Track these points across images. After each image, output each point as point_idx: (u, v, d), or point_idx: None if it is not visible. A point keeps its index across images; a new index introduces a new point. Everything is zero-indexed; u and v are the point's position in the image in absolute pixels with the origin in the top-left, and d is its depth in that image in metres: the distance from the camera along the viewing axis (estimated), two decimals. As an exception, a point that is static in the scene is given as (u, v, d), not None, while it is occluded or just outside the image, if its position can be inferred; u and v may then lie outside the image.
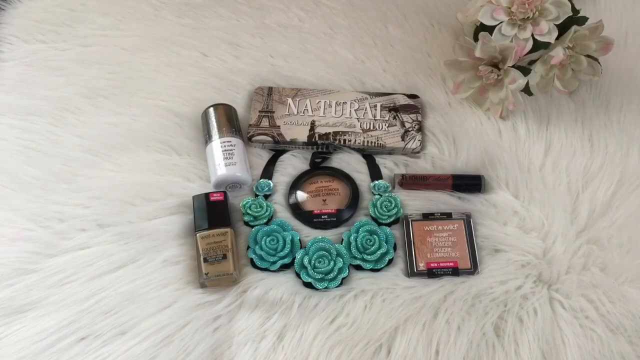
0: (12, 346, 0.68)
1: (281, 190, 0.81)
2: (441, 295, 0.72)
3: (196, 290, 0.72)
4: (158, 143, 0.83)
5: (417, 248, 0.76)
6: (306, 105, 0.86)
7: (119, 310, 0.70)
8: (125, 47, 0.93)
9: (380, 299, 0.72)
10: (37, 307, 0.70)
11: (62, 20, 0.96)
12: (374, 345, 0.69)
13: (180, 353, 0.68)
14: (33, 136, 0.83)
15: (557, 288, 0.72)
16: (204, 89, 0.89)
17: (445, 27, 0.96)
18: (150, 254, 0.74)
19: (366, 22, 0.97)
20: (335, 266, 0.73)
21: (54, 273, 0.72)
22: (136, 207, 0.78)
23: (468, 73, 0.85)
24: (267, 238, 0.75)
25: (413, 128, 0.84)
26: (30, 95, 0.88)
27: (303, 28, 0.96)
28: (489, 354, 0.68)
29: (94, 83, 0.89)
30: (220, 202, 0.76)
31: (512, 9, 0.79)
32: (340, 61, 0.92)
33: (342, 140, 0.83)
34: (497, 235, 0.76)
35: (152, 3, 0.99)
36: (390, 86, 0.90)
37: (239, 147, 0.80)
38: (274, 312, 0.71)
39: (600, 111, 0.87)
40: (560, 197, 0.78)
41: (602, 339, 0.68)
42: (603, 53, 0.83)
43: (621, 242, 0.75)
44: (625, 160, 0.82)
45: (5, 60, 0.92)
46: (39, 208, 0.77)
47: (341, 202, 0.80)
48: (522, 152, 0.83)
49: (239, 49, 0.94)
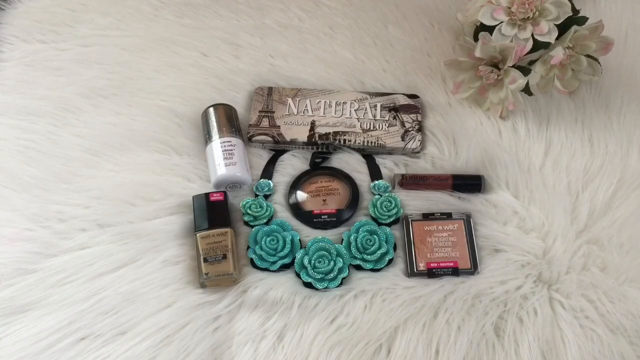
0: (12, 346, 0.68)
1: (281, 190, 0.81)
2: (441, 295, 0.72)
3: (196, 290, 0.72)
4: (158, 143, 0.83)
5: (417, 248, 0.76)
6: (306, 105, 0.86)
7: (119, 310, 0.70)
8: (125, 47, 0.93)
9: (380, 299, 0.72)
10: (37, 307, 0.70)
11: (62, 20, 0.96)
12: (374, 345, 0.69)
13: (180, 353, 0.68)
14: (33, 136, 0.83)
15: (557, 288, 0.72)
16: (204, 89, 0.89)
17: (445, 27, 0.96)
18: (150, 254, 0.74)
19: (366, 22, 0.97)
20: (335, 266, 0.73)
21: (54, 273, 0.72)
22: (136, 207, 0.78)
23: (468, 73, 0.85)
24: (267, 238, 0.75)
25: (413, 128, 0.84)
26: (30, 95, 0.88)
27: (303, 28, 0.96)
28: (489, 354, 0.68)
29: (94, 83, 0.89)
30: (220, 202, 0.76)
31: (512, 9, 0.79)
32: (340, 61, 0.92)
33: (342, 140, 0.83)
34: (497, 235, 0.76)
35: (152, 3, 0.99)
36: (390, 86, 0.90)
37: (239, 147, 0.80)
38: (274, 312, 0.71)
39: (600, 111, 0.87)
40: (560, 197, 0.78)
41: (602, 339, 0.68)
42: (603, 53, 0.83)
43: (621, 242, 0.75)
44: (625, 160, 0.82)
45: (5, 60, 0.92)
46: (39, 208, 0.77)
47: (341, 202, 0.80)
48: (522, 152, 0.83)
49: (239, 49, 0.94)
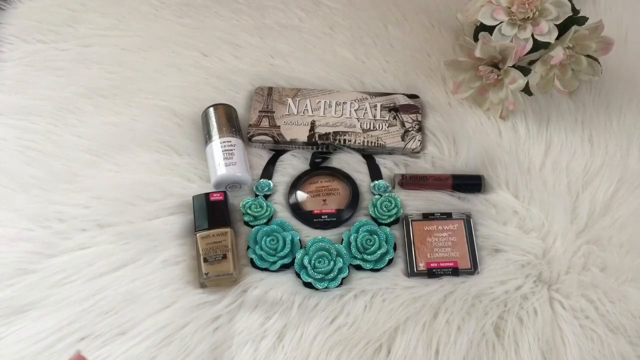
0: (12, 346, 0.68)
1: (281, 190, 0.81)
2: (441, 295, 0.72)
3: (196, 290, 0.72)
4: (158, 143, 0.83)
5: (417, 248, 0.76)
6: (306, 105, 0.86)
7: (119, 310, 0.70)
8: (125, 47, 0.93)
9: (380, 299, 0.72)
10: (37, 307, 0.70)
11: (62, 20, 0.96)
12: (374, 345, 0.69)
13: (180, 353, 0.68)
14: (33, 136, 0.83)
15: (557, 288, 0.72)
16: (204, 89, 0.89)
17: (445, 27, 0.96)
18: (150, 254, 0.74)
19: (366, 22, 0.97)
20: (335, 266, 0.73)
21: (54, 273, 0.72)
22: (136, 207, 0.77)
23: (468, 73, 0.85)
24: (267, 238, 0.75)
25: (413, 128, 0.84)
26: (30, 95, 0.88)
27: (303, 28, 0.96)
28: (489, 354, 0.68)
29: (94, 83, 0.89)
30: (220, 202, 0.76)
31: (512, 9, 0.79)
32: (340, 61, 0.92)
33: (342, 140, 0.83)
34: (497, 235, 0.76)
35: (152, 3, 0.99)
36: (390, 86, 0.90)
37: (239, 147, 0.80)
38: (274, 312, 0.71)
39: (600, 111, 0.87)
40: (560, 197, 0.78)
41: (602, 339, 0.68)
42: (603, 53, 0.83)
43: (621, 242, 0.75)
44: (625, 160, 0.82)
45: (5, 60, 0.92)
46: (39, 208, 0.77)
47: (341, 202, 0.80)
48: (522, 152, 0.83)
49: (239, 49, 0.94)
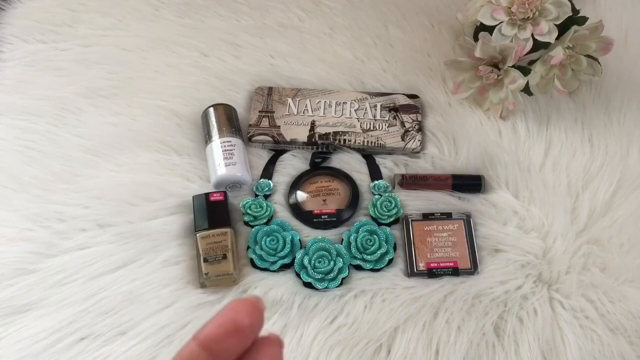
0: (12, 346, 0.68)
1: (281, 190, 0.81)
2: (441, 295, 0.72)
3: (196, 290, 0.72)
4: (158, 143, 0.83)
5: (417, 248, 0.76)
6: (306, 105, 0.86)
7: (119, 310, 0.70)
8: (125, 47, 0.93)
9: (380, 299, 0.72)
10: (37, 307, 0.70)
11: (62, 20, 0.96)
12: (374, 345, 0.69)
13: (180, 353, 0.68)
14: (33, 136, 0.83)
15: (557, 288, 0.72)
16: (204, 89, 0.89)
17: (445, 27, 0.96)
18: (150, 254, 0.74)
19: (366, 22, 0.97)
20: (335, 266, 0.73)
21: (54, 273, 0.72)
22: (136, 207, 0.77)
23: (468, 73, 0.85)
24: (267, 238, 0.75)
25: (413, 128, 0.84)
26: (30, 95, 0.88)
27: (303, 28, 0.96)
28: (489, 354, 0.68)
29: (94, 83, 0.89)
30: (220, 202, 0.76)
31: (512, 9, 0.79)
32: (340, 61, 0.92)
33: (342, 140, 0.83)
34: (497, 235, 0.76)
35: (152, 3, 0.99)
36: (390, 86, 0.90)
37: (239, 147, 0.80)
38: (274, 312, 0.71)
39: (600, 111, 0.87)
40: (560, 197, 0.78)
41: (602, 339, 0.68)
42: (603, 53, 0.83)
43: (621, 242, 0.75)
44: (625, 160, 0.82)
45: (5, 60, 0.92)
46: (39, 208, 0.77)
47: (341, 202, 0.80)
48: (522, 152, 0.83)
49: (239, 49, 0.93)
